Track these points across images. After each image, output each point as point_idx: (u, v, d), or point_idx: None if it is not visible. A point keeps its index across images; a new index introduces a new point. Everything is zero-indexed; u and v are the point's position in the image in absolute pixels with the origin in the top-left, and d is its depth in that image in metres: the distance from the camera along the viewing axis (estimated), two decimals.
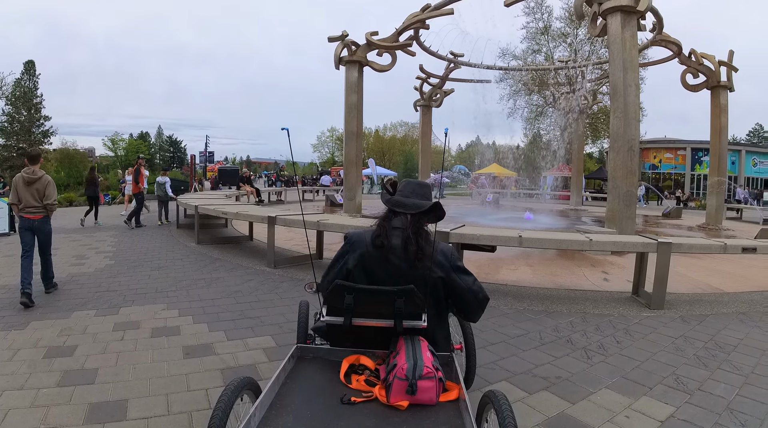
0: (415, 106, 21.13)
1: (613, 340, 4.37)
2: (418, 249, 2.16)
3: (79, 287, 5.86)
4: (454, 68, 19.85)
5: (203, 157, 42.61)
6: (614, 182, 9.56)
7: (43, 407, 2.84)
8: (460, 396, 2.02)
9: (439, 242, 2.27)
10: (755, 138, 59.43)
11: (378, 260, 2.23)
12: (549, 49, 31.55)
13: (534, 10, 31.13)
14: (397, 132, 64.89)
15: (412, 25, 13.43)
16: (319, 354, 2.42)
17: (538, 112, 34.00)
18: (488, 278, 6.73)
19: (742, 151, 40.05)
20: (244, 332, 4.32)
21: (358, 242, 2.29)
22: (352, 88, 13.42)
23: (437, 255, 2.21)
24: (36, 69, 38.05)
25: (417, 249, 2.16)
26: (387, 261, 2.21)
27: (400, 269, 2.19)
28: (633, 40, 9.45)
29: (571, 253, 8.68)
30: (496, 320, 4.90)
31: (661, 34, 13.20)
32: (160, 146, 65.94)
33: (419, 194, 2.34)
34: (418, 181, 2.46)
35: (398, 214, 2.27)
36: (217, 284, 6.09)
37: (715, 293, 6.41)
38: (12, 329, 4.25)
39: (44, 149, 37.90)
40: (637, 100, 9.67)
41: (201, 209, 9.29)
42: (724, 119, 14.72)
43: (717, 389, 3.35)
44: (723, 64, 14.48)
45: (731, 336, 4.55)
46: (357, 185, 14.09)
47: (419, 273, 2.15)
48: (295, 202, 21.60)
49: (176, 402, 2.98)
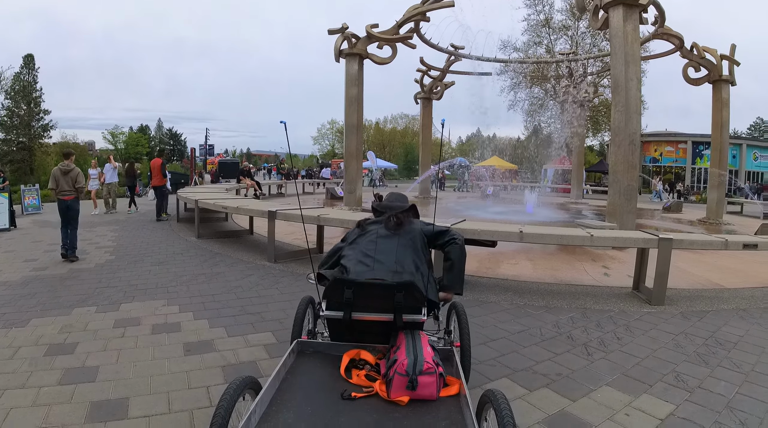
0: (416, 98, 21.01)
1: (614, 336, 4.38)
2: (399, 221, 2.79)
3: (79, 282, 5.85)
4: (455, 61, 19.72)
5: (203, 150, 42.56)
6: (615, 176, 9.53)
7: (44, 406, 2.85)
8: (460, 391, 2.03)
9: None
10: (756, 132, 59.21)
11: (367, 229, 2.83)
12: (550, 41, 31.36)
13: (535, 2, 30.91)
14: (397, 124, 64.72)
15: (413, 17, 13.32)
16: (319, 348, 2.43)
17: (538, 104, 33.84)
18: (489, 273, 6.74)
19: (743, 145, 39.92)
20: (244, 328, 4.33)
21: (352, 232, 2.91)
22: (352, 81, 13.34)
23: (413, 222, 2.87)
24: (35, 63, 37.87)
25: (398, 221, 2.79)
26: (376, 231, 2.77)
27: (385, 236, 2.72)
28: (635, 33, 9.38)
29: (571, 248, 8.67)
30: (496, 315, 4.90)
31: (663, 28, 13.08)
32: (160, 139, 65.69)
33: (400, 200, 3.09)
34: (398, 193, 3.33)
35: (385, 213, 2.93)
36: (218, 280, 6.09)
37: (715, 289, 6.41)
38: (13, 326, 4.25)
39: (44, 143, 37.83)
40: (638, 94, 9.62)
41: (201, 203, 9.27)
42: (726, 113, 14.63)
43: (717, 387, 3.36)
44: (725, 58, 14.37)
45: (732, 333, 4.55)
46: (357, 178, 14.05)
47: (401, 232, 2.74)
48: (296, 195, 21.58)
49: (177, 399, 2.98)
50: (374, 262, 2.54)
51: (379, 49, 13.62)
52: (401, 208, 2.94)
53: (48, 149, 37.55)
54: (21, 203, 13.59)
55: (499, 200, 20.39)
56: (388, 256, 2.57)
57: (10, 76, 35.95)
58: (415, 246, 2.67)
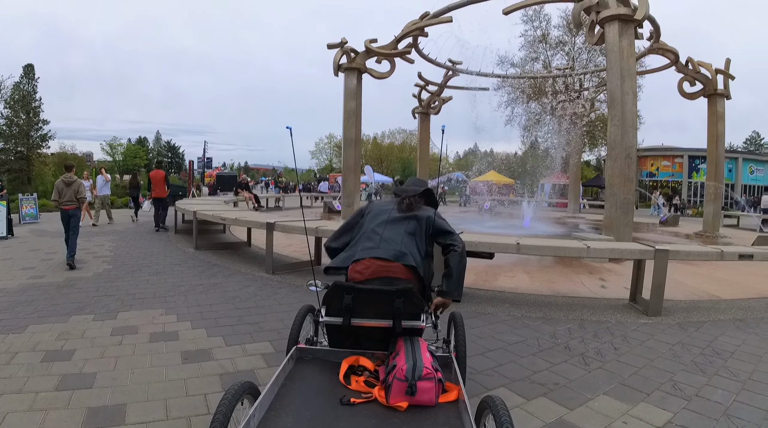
0: (414, 113, 21.17)
1: (611, 347, 4.38)
2: (410, 203, 2.89)
3: (77, 291, 5.84)
4: (453, 76, 19.92)
5: (201, 162, 42.63)
6: (612, 190, 9.61)
7: (41, 411, 2.84)
8: (459, 397, 2.03)
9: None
10: (752, 146, 59.73)
11: (381, 208, 2.96)
12: (547, 57, 31.72)
13: (532, 18, 31.32)
14: (395, 139, 65.00)
15: (411, 32, 13.50)
16: (318, 355, 2.43)
17: (535, 119, 34.11)
18: (486, 285, 6.75)
19: (739, 158, 40.27)
20: (242, 337, 4.32)
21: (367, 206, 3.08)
22: (350, 95, 13.46)
23: (425, 210, 2.93)
24: (35, 73, 38.06)
25: (409, 203, 2.88)
26: (389, 211, 2.89)
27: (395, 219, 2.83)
28: (630, 48, 9.53)
29: (568, 260, 8.70)
30: (494, 326, 4.91)
31: (659, 43, 13.29)
32: (158, 151, 65.81)
33: (417, 184, 3.19)
34: (419, 178, 3.51)
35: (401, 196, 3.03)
36: (216, 290, 6.08)
37: (712, 300, 6.43)
38: (10, 332, 4.24)
39: (42, 153, 37.84)
40: (634, 108, 9.73)
41: (199, 215, 9.29)
42: (721, 127, 14.80)
43: (714, 395, 3.36)
44: (720, 73, 14.58)
45: (728, 343, 4.57)
46: (355, 191, 14.10)
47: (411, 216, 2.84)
48: (294, 208, 21.61)
49: (175, 407, 2.97)
50: (381, 241, 2.67)
51: (378, 64, 13.78)
52: (415, 192, 3.02)
53: (46, 159, 37.56)
54: (18, 212, 13.60)
55: (495, 214, 20.44)
56: (395, 237, 2.68)
57: (10, 86, 36.11)
58: (420, 233, 2.76)
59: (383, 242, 2.64)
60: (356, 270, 2.61)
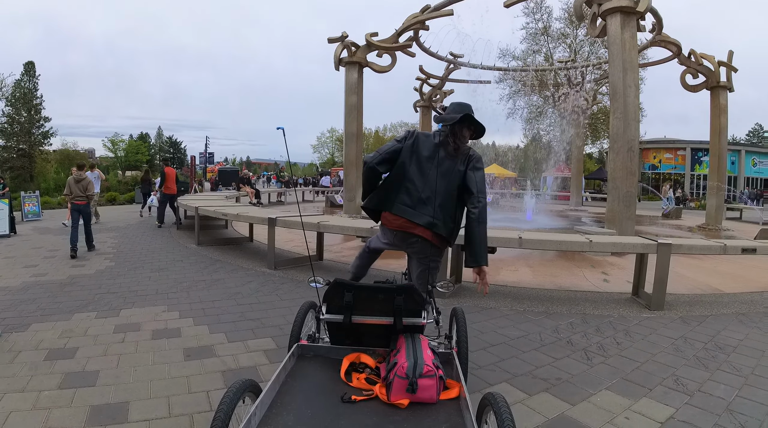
0: (415, 107, 21.12)
1: (613, 341, 4.38)
2: (458, 146, 2.95)
3: (79, 288, 5.86)
4: (454, 69, 19.85)
5: (203, 158, 42.61)
6: (614, 183, 9.57)
7: (44, 409, 2.85)
8: (460, 394, 2.03)
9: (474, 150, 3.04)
10: (755, 138, 59.43)
11: (427, 146, 3.00)
12: (549, 49, 31.58)
13: (533, 11, 31.18)
14: (397, 133, 64.89)
15: (412, 26, 13.42)
16: (319, 352, 2.44)
17: (537, 112, 34.01)
18: (488, 280, 6.71)
19: (742, 151, 40.14)
20: (244, 334, 4.33)
21: (412, 134, 3.11)
22: (352, 89, 13.42)
23: (469, 152, 2.98)
24: (36, 70, 38.06)
25: (456, 146, 2.94)
26: (434, 150, 2.97)
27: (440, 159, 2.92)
28: (632, 40, 9.46)
29: (571, 254, 8.68)
30: (496, 321, 4.90)
31: (661, 35, 13.19)
32: (160, 147, 65.83)
33: (459, 110, 3.04)
34: (459, 103, 3.18)
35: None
36: (218, 286, 6.09)
37: (714, 293, 6.42)
38: (13, 331, 4.25)
39: (44, 151, 37.92)
40: (636, 100, 9.67)
41: (201, 211, 9.30)
42: (724, 120, 14.71)
43: (717, 390, 3.36)
44: (722, 65, 14.47)
45: (731, 337, 4.56)
46: (357, 186, 14.05)
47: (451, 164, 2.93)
48: (296, 203, 21.60)
49: (177, 404, 2.98)
50: (418, 202, 2.88)
51: (379, 58, 13.71)
52: (453, 119, 2.98)
53: (48, 157, 37.72)
54: (21, 209, 13.62)
55: (498, 208, 20.42)
56: (432, 199, 2.86)
57: (11, 83, 36.13)
58: (456, 189, 2.89)
59: (419, 205, 2.87)
60: (387, 219, 3.01)
